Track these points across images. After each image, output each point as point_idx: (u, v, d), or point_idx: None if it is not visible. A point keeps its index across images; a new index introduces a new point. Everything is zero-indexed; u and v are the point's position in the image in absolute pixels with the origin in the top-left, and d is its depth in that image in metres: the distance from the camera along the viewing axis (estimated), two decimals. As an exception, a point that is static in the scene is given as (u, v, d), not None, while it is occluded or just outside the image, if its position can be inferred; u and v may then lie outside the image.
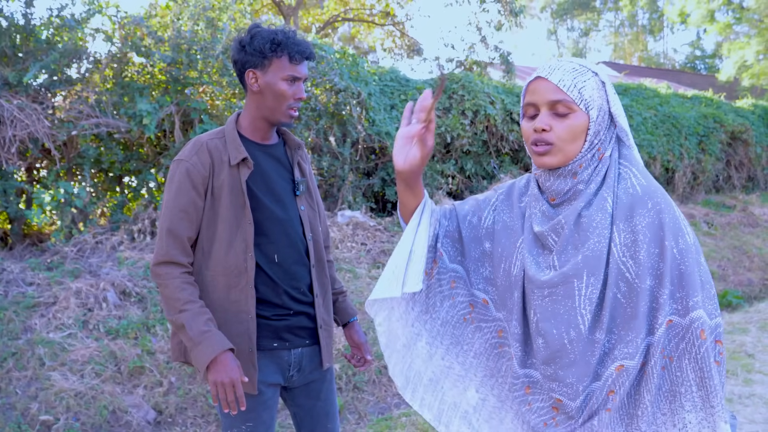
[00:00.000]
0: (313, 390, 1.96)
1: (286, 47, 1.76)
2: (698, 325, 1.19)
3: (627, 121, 1.37)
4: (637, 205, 1.25)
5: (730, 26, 26.48)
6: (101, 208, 5.28)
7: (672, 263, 1.21)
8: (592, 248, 1.26)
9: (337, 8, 16.07)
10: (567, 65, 1.28)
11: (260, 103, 1.81)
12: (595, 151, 1.29)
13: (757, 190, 11.50)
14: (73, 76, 4.96)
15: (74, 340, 3.67)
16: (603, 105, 1.28)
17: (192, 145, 1.80)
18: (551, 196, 1.34)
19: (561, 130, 1.26)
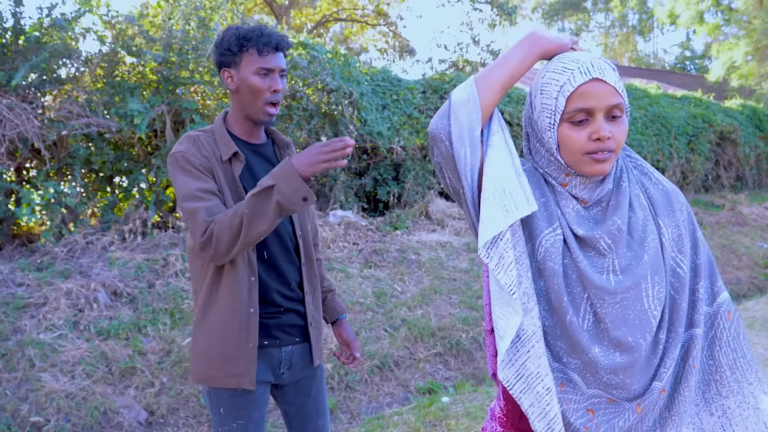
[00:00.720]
0: (303, 387, 1.96)
1: (253, 40, 1.75)
2: (725, 308, 1.22)
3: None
4: (673, 200, 1.26)
5: (719, 27, 26.68)
6: (92, 208, 5.26)
7: (704, 255, 1.24)
8: (652, 246, 1.20)
9: (329, 8, 16.07)
10: (604, 63, 1.19)
11: (239, 101, 1.81)
12: None
13: (745, 189, 11.60)
14: (63, 76, 4.94)
15: (65, 341, 3.65)
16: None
17: (185, 139, 1.77)
18: (582, 199, 1.24)
19: (619, 136, 1.18)
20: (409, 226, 6.44)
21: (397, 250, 5.76)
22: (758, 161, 11.85)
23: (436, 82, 7.64)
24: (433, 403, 3.77)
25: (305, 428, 1.98)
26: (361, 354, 4.10)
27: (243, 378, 1.75)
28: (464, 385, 4.08)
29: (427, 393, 4.04)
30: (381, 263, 5.50)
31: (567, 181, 1.24)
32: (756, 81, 24.06)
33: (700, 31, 28.40)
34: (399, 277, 5.31)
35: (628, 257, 1.20)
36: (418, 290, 5.13)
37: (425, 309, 4.84)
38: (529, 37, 1.25)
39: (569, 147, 1.19)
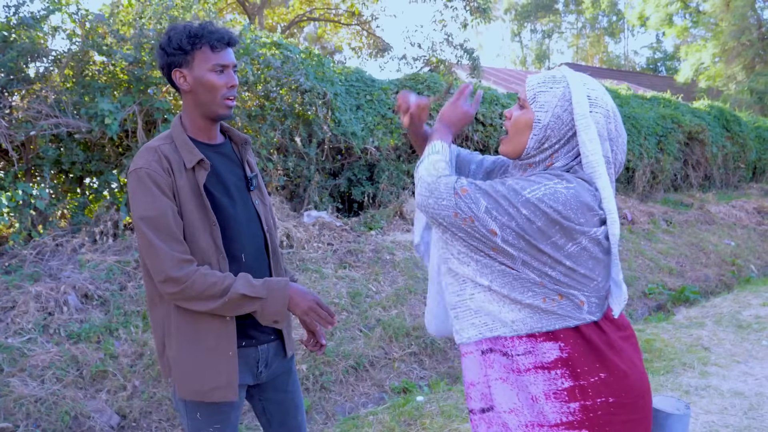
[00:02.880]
0: (280, 383, 1.97)
1: (204, 37, 1.71)
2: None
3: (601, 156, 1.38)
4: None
5: (687, 29, 27.24)
6: (61, 209, 5.17)
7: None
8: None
9: (302, 8, 16.01)
10: (544, 75, 1.44)
11: (195, 101, 1.76)
12: (545, 156, 1.42)
13: (713, 188, 11.86)
14: (31, 75, 4.85)
15: (34, 345, 3.59)
16: (561, 114, 1.39)
17: (145, 152, 1.71)
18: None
19: (513, 119, 1.46)
20: (383, 226, 6.46)
21: (372, 250, 5.77)
22: (725, 161, 12.12)
23: (410, 82, 7.67)
24: (408, 403, 3.79)
25: (286, 425, 1.98)
26: (335, 354, 4.11)
27: (227, 390, 1.73)
28: (439, 384, 4.11)
29: (402, 392, 4.06)
30: (355, 263, 5.51)
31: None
32: (723, 82, 24.61)
33: (669, 33, 28.95)
34: (374, 277, 5.32)
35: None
36: (392, 290, 5.15)
37: (400, 309, 4.86)
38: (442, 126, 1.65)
39: None
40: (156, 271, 1.62)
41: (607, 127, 1.40)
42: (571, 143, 1.41)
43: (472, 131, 7.73)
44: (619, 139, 1.43)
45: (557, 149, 1.41)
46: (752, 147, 12.70)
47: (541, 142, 1.42)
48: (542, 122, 1.40)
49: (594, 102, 1.39)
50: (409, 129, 1.77)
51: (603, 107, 1.40)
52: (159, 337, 1.77)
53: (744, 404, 3.79)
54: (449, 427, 3.45)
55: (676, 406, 1.59)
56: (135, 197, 1.66)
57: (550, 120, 1.40)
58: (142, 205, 1.64)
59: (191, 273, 1.62)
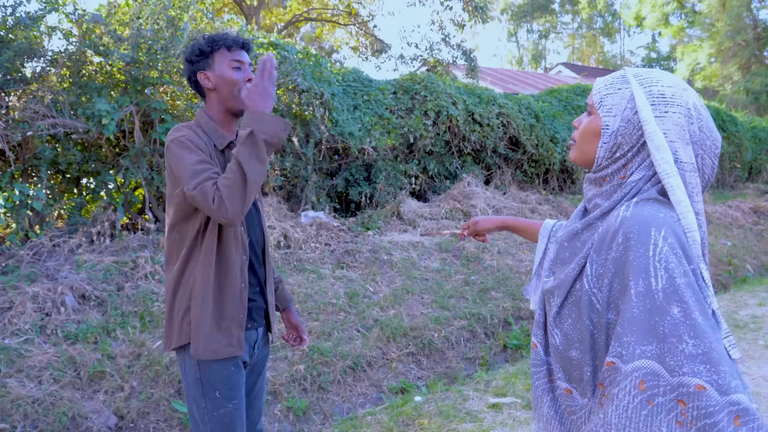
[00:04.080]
0: (258, 366, 2.13)
1: (221, 40, 1.93)
2: (639, 375, 1.09)
3: (672, 164, 1.21)
4: (611, 237, 1.21)
5: (683, 30, 27.31)
6: (58, 210, 5.16)
7: (629, 304, 1.13)
8: (566, 273, 1.30)
9: (299, 8, 16.00)
10: (612, 76, 1.32)
11: (219, 97, 1.94)
12: (618, 167, 1.28)
13: (709, 188, 11.89)
14: (28, 75, 4.84)
15: (31, 346, 3.59)
16: (632, 118, 1.25)
17: (182, 127, 1.86)
18: (586, 203, 1.37)
19: (581, 128, 1.34)
20: (380, 226, 6.46)
21: (369, 250, 5.77)
22: (721, 161, 12.15)
23: (407, 82, 7.67)
24: (406, 403, 3.80)
25: (253, 406, 2.13)
26: (333, 354, 4.11)
27: (237, 348, 1.88)
28: (436, 385, 4.12)
29: (400, 393, 4.07)
30: (353, 264, 5.51)
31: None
32: (719, 82, 24.69)
33: (665, 33, 29.03)
34: (371, 277, 5.33)
35: (559, 270, 1.37)
36: (390, 290, 5.15)
37: (397, 309, 4.86)
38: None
39: None
40: (208, 211, 1.71)
41: (689, 128, 1.22)
42: (645, 150, 1.24)
43: (469, 131, 7.74)
44: (707, 142, 1.24)
45: (630, 158, 1.26)
46: (748, 147, 12.74)
47: (612, 150, 1.28)
48: (611, 128, 1.27)
49: (670, 101, 1.22)
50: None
51: (683, 105, 1.22)
52: (183, 303, 1.87)
53: (740, 403, 3.81)
54: (447, 428, 3.46)
55: (674, 405, 1.60)
56: (180, 158, 1.77)
57: (620, 125, 1.26)
58: (187, 161, 1.76)
59: (217, 186, 1.70)
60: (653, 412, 1.07)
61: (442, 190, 7.77)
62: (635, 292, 1.12)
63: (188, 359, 1.89)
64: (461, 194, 7.34)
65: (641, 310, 1.11)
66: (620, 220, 1.19)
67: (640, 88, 1.24)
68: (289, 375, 3.88)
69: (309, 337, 4.21)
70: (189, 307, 1.87)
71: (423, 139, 7.33)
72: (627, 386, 1.10)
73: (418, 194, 7.75)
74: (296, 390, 3.81)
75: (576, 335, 1.27)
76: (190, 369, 1.89)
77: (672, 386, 1.06)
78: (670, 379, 1.06)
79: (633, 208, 1.19)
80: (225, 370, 1.88)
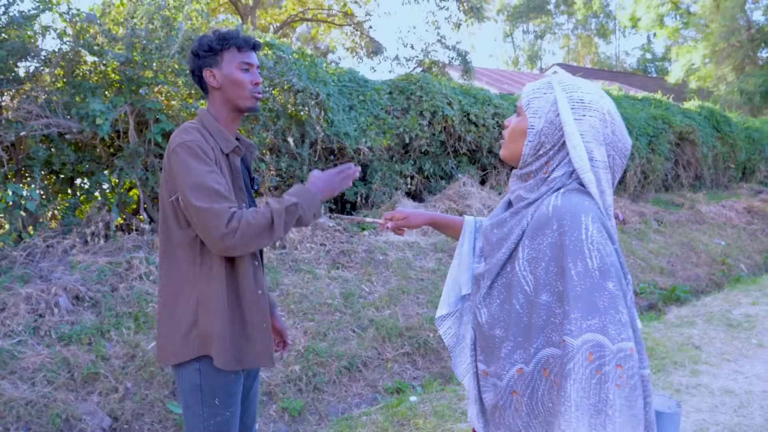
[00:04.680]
0: (253, 371, 2.11)
1: (232, 39, 1.90)
2: (587, 348, 1.21)
3: (587, 161, 1.36)
4: (545, 223, 1.33)
5: (678, 31, 27.41)
6: (52, 211, 5.14)
7: (570, 284, 1.25)
8: (497, 257, 1.43)
9: (295, 8, 15.99)
10: (539, 82, 1.46)
11: (224, 97, 1.91)
12: (542, 163, 1.41)
13: (703, 188, 11.92)
14: (21, 75, 4.82)
15: (24, 347, 3.57)
16: (554, 120, 1.39)
17: (190, 130, 1.82)
18: (510, 196, 1.52)
19: (510, 127, 1.47)
20: (376, 226, 6.46)
21: (365, 250, 5.77)
22: (715, 161, 12.18)
23: (403, 83, 7.67)
24: (401, 403, 3.80)
25: (248, 410, 2.12)
26: (329, 355, 4.11)
27: (263, 357, 1.89)
28: (432, 385, 4.12)
29: (396, 393, 4.07)
30: (348, 264, 5.51)
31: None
32: (713, 83, 24.76)
33: (660, 34, 29.14)
34: (366, 277, 5.32)
35: (490, 256, 1.49)
36: (385, 290, 5.15)
37: (393, 309, 4.86)
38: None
39: None
40: (212, 232, 1.68)
41: (603, 131, 1.36)
42: (565, 149, 1.38)
43: (464, 132, 7.74)
44: (618, 144, 1.39)
45: (552, 156, 1.40)
46: (742, 147, 12.78)
47: (536, 148, 1.41)
48: (536, 128, 1.40)
49: (588, 106, 1.36)
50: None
51: (599, 111, 1.36)
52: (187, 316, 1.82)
53: (734, 402, 3.82)
54: (442, 427, 3.45)
55: (667, 404, 1.60)
56: (187, 165, 1.73)
57: (543, 126, 1.39)
58: (197, 171, 1.72)
59: (239, 216, 1.70)
60: (602, 380, 1.20)
61: (437, 191, 7.77)
62: (575, 273, 1.25)
63: (187, 366, 1.84)
64: (457, 194, 7.34)
65: (583, 288, 1.24)
66: (552, 207, 1.33)
67: (562, 94, 1.38)
68: (285, 375, 3.87)
69: (305, 338, 4.21)
70: (196, 320, 1.81)
71: (419, 139, 7.33)
72: (579, 359, 1.22)
73: (413, 194, 7.75)
74: (291, 390, 3.80)
75: (502, 315, 1.40)
76: (189, 375, 1.85)
77: (613, 353, 1.20)
78: (612, 347, 1.20)
79: (562, 197, 1.33)
80: (226, 378, 1.86)
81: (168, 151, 1.79)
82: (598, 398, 1.20)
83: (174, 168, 1.74)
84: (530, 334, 1.32)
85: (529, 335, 1.33)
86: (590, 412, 1.21)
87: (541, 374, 1.32)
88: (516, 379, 1.36)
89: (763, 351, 4.76)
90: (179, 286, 1.83)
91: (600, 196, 1.35)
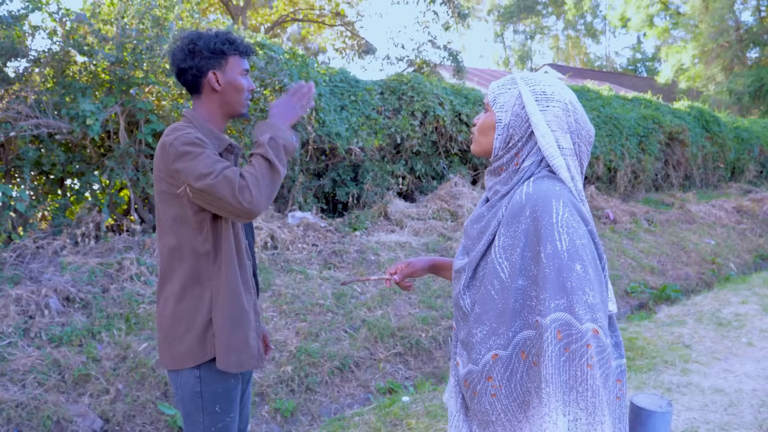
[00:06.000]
0: (247, 374, 2.10)
1: (237, 44, 1.90)
2: (556, 326, 1.26)
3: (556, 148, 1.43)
4: (519, 211, 1.38)
5: (668, 31, 27.56)
6: (42, 211, 5.11)
7: (541, 267, 1.30)
8: (477, 250, 1.47)
9: (286, 8, 15.96)
10: (503, 79, 1.52)
11: (222, 101, 1.90)
12: (512, 155, 1.48)
13: (693, 188, 12.00)
14: (10, 75, 4.78)
15: (14, 349, 3.55)
16: (520, 112, 1.45)
17: (178, 128, 1.79)
18: (487, 193, 1.57)
19: (479, 123, 1.53)
20: (368, 226, 6.46)
21: (357, 250, 5.77)
22: (705, 161, 12.27)
23: (394, 83, 7.68)
24: (394, 403, 3.80)
25: (242, 413, 2.11)
26: (321, 355, 4.10)
27: (258, 359, 1.89)
28: (424, 384, 4.12)
29: (388, 393, 4.07)
30: (340, 264, 5.51)
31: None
32: (702, 83, 24.93)
33: (650, 35, 29.29)
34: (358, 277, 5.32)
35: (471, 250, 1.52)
36: (377, 291, 5.15)
37: (385, 309, 4.86)
38: None
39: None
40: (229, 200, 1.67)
41: (567, 120, 1.44)
42: (533, 139, 1.45)
43: (456, 132, 7.76)
44: (582, 132, 1.46)
45: (521, 147, 1.46)
46: (731, 147, 12.87)
47: (506, 141, 1.47)
48: (504, 121, 1.47)
49: (550, 97, 1.43)
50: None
51: (561, 101, 1.44)
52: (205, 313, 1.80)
53: (724, 401, 3.85)
54: (435, 427, 3.46)
55: (659, 403, 1.61)
56: (189, 154, 1.71)
57: (511, 119, 1.46)
58: (197, 155, 1.70)
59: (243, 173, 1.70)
60: (570, 357, 1.25)
61: (429, 191, 7.78)
62: (545, 255, 1.30)
63: (186, 373, 1.81)
64: (448, 194, 7.35)
65: (552, 269, 1.28)
66: (525, 195, 1.39)
67: (526, 88, 1.45)
68: (277, 376, 3.86)
69: (297, 338, 4.20)
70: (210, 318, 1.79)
71: (410, 139, 7.34)
72: (548, 337, 1.27)
73: (405, 195, 7.75)
74: (284, 391, 3.80)
75: (479, 299, 1.45)
76: (189, 382, 1.81)
77: (581, 332, 1.24)
78: (580, 326, 1.24)
79: (533, 185, 1.39)
80: (226, 383, 1.84)
81: (162, 150, 1.74)
82: (568, 375, 1.25)
83: (176, 162, 1.71)
84: (504, 320, 1.37)
85: (503, 320, 1.37)
86: (563, 388, 1.25)
87: (519, 357, 1.35)
88: (491, 365, 1.39)
89: (753, 350, 4.80)
90: (189, 284, 1.79)
91: (571, 181, 1.42)
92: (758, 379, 4.19)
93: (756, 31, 24.20)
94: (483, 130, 1.52)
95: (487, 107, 1.52)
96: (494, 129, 1.49)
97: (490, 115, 1.50)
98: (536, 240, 1.32)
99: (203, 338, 1.79)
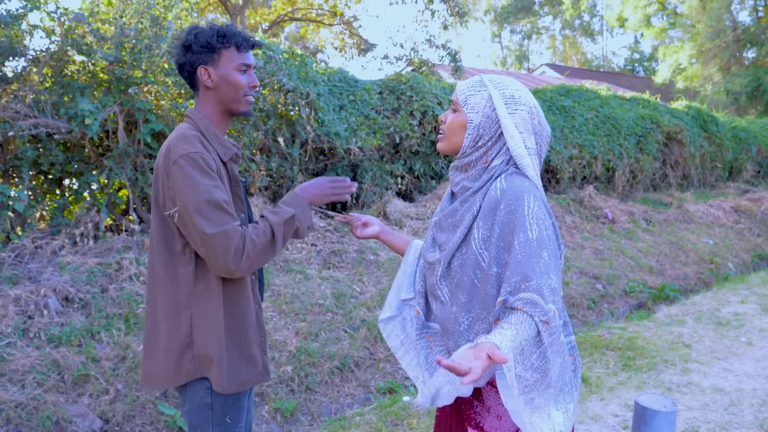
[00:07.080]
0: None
1: (233, 37, 1.78)
2: (520, 303, 1.38)
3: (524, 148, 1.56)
4: (495, 205, 1.51)
5: (665, 31, 27.61)
6: (40, 211, 5.09)
7: (513, 254, 1.43)
8: (453, 242, 1.57)
9: (284, 8, 15.94)
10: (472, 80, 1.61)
11: (217, 98, 1.80)
12: (481, 154, 1.57)
13: (691, 188, 12.01)
14: (8, 75, 4.76)
15: (14, 349, 3.53)
16: (490, 114, 1.55)
17: (191, 139, 1.70)
18: (453, 188, 1.66)
19: (448, 122, 1.61)
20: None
21: (356, 250, 5.76)
22: (703, 161, 12.28)
23: (393, 82, 7.67)
24: (394, 403, 3.79)
25: (247, 418, 2.06)
26: (321, 355, 4.10)
27: (264, 374, 1.85)
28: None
29: (388, 393, 4.06)
30: (340, 264, 5.50)
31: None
32: (700, 83, 24.97)
33: (647, 35, 29.33)
34: (358, 277, 5.32)
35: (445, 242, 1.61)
36: (377, 290, 5.15)
37: (385, 309, 4.86)
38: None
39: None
40: (219, 257, 1.61)
41: (531, 122, 1.55)
42: (501, 140, 1.56)
43: (454, 131, 7.76)
44: (543, 133, 1.59)
45: (490, 146, 1.56)
46: (729, 147, 12.89)
47: (475, 140, 1.57)
48: (474, 122, 1.56)
49: (518, 101, 1.54)
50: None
51: (527, 105, 1.55)
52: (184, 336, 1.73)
53: (724, 400, 3.85)
54: (435, 427, 3.45)
55: (663, 403, 1.61)
56: (192, 181, 1.62)
57: (481, 120, 1.56)
58: (203, 188, 1.62)
59: (244, 236, 1.65)
60: (529, 323, 1.37)
61: (428, 190, 7.78)
62: (518, 243, 1.43)
63: (196, 384, 1.77)
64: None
65: (523, 255, 1.42)
66: (500, 191, 1.51)
67: (495, 91, 1.56)
68: (277, 376, 3.85)
69: (296, 338, 4.19)
70: (190, 341, 1.72)
71: (409, 139, 7.34)
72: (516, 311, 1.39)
73: (404, 194, 7.74)
74: (284, 391, 3.79)
75: (459, 290, 1.55)
76: (198, 394, 1.77)
77: (544, 311, 1.36)
78: (545, 306, 1.37)
79: (506, 181, 1.52)
80: (237, 394, 1.80)
81: (167, 161, 1.66)
82: (524, 337, 1.35)
83: (175, 181, 1.63)
84: (487, 306, 1.49)
85: (486, 306, 1.49)
86: (518, 349, 1.37)
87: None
88: None
89: (752, 349, 4.81)
90: (173, 303, 1.73)
91: (537, 178, 1.56)
92: (758, 378, 4.19)
93: (753, 31, 24.24)
94: (453, 129, 1.60)
95: (456, 107, 1.60)
96: (465, 128, 1.58)
97: (461, 115, 1.58)
98: (509, 230, 1.45)
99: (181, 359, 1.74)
